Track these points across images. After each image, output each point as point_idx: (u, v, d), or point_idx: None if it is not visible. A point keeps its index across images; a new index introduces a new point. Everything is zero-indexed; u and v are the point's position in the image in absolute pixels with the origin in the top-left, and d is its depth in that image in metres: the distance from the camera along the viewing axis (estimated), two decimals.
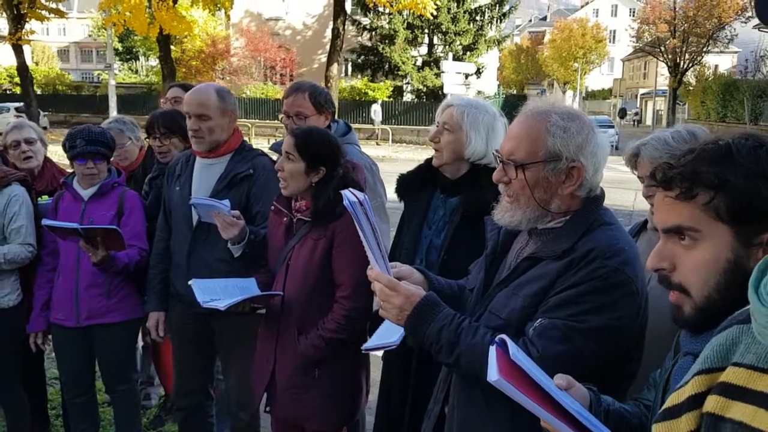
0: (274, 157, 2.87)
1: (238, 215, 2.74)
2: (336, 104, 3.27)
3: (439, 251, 2.55)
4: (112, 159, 3.39)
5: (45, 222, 3.09)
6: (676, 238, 1.19)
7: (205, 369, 3.27)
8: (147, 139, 3.73)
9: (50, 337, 3.42)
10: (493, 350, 1.29)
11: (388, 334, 2.02)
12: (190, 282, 2.61)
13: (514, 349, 1.27)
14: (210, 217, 2.80)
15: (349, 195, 1.65)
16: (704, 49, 39.82)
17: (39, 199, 3.50)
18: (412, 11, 24.75)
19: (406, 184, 2.77)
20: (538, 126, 1.67)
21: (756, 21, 30.79)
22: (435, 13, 23.55)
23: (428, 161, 2.72)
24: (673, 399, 1.04)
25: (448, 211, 2.60)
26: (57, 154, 3.39)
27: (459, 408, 1.77)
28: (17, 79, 30.89)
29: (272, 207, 2.71)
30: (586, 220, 1.66)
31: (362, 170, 2.86)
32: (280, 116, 3.23)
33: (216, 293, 2.53)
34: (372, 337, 2.24)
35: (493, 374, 1.22)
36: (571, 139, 1.64)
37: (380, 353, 2.88)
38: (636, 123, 51.43)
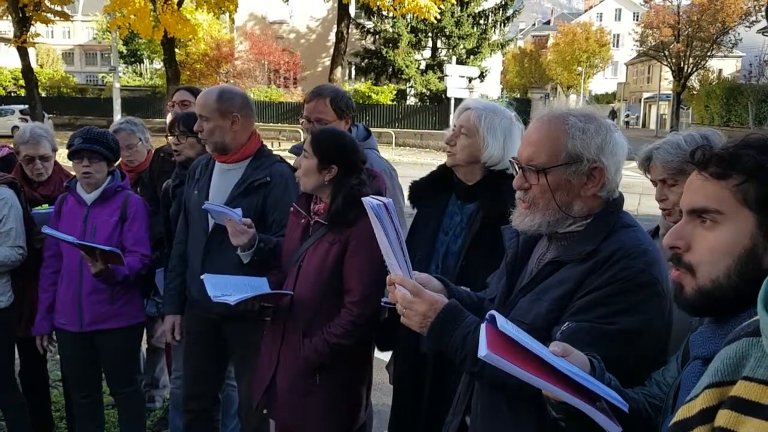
0: (293, 162, 2.86)
1: (249, 223, 2.72)
2: None
3: (458, 257, 2.50)
4: (120, 159, 3.34)
5: (45, 230, 3.07)
6: (699, 220, 1.19)
7: (216, 374, 3.24)
8: (166, 137, 3.69)
9: (54, 338, 3.41)
10: (483, 327, 1.26)
11: None
12: (202, 276, 2.62)
13: (502, 321, 1.25)
14: (223, 221, 2.80)
15: (371, 200, 1.62)
16: (708, 54, 39.72)
17: (40, 207, 3.47)
18: (415, 15, 24.75)
19: (420, 189, 2.72)
20: (556, 129, 1.65)
21: (760, 25, 30.74)
22: (439, 16, 23.53)
23: (442, 167, 2.67)
24: (684, 412, 1.02)
25: (465, 217, 2.53)
26: (61, 156, 3.39)
27: (482, 418, 1.74)
28: (22, 82, 31.00)
29: (291, 208, 2.70)
30: (608, 222, 1.65)
31: (383, 179, 2.84)
32: (302, 120, 3.23)
33: (227, 289, 2.52)
34: None
35: (482, 350, 1.19)
36: (591, 140, 1.63)
37: (387, 358, 2.88)
38: (627, 125, 51.40)
